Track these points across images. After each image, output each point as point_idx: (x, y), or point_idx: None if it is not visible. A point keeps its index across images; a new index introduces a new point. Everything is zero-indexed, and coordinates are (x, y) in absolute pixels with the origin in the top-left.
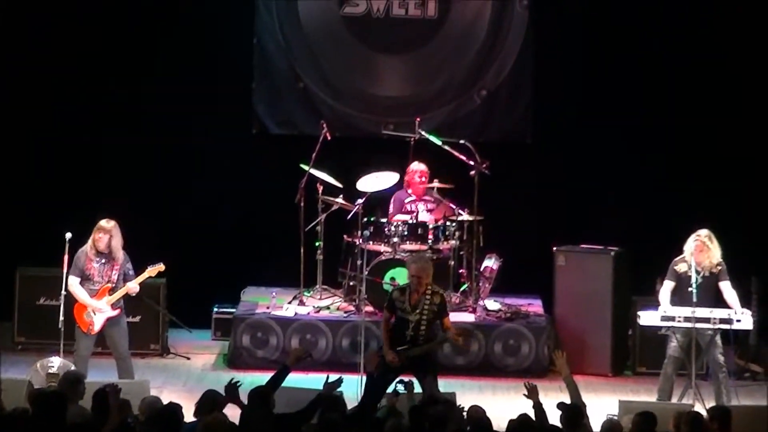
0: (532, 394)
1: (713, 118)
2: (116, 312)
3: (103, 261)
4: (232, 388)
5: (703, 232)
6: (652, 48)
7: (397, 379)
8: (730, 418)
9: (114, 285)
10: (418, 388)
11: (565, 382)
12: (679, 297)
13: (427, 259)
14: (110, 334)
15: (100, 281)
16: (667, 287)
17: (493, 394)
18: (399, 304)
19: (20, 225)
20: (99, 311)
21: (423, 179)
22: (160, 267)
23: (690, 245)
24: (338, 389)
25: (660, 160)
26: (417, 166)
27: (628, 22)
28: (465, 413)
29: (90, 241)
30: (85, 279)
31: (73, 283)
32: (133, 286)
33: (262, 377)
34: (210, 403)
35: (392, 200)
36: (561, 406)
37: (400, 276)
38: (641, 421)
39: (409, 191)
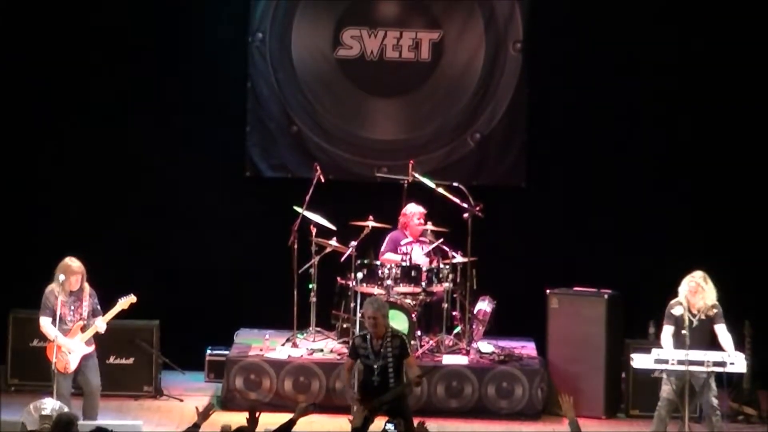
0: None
1: (708, 162)
2: (91, 348)
3: (73, 299)
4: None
5: (698, 274)
6: (647, 90)
7: (386, 420)
8: None
9: (85, 322)
10: None
11: (570, 425)
12: (677, 340)
13: (381, 301)
14: (83, 370)
15: (72, 320)
16: (667, 332)
17: None
18: (362, 351)
19: (13, 268)
20: (74, 351)
21: (421, 221)
22: (132, 299)
23: (685, 287)
24: None
25: (653, 204)
26: (415, 208)
27: (622, 65)
28: None
29: (59, 283)
30: (55, 319)
31: (45, 324)
32: (101, 325)
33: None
34: None
35: (387, 239)
36: None
37: (393, 318)
38: None
39: (406, 233)
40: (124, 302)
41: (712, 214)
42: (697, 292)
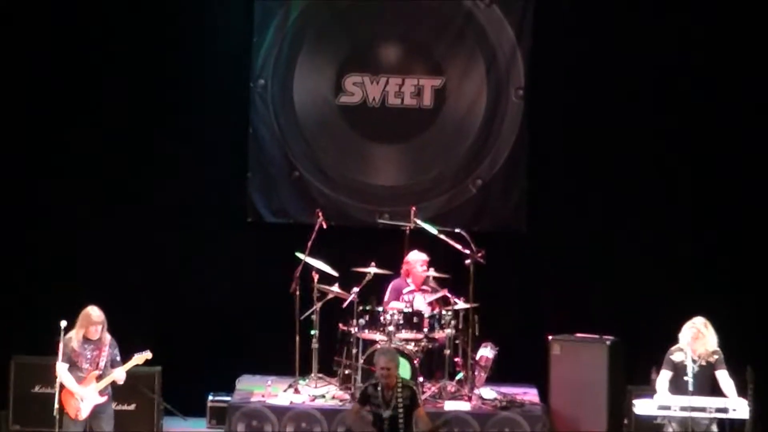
0: None
1: (709, 207)
2: (104, 399)
3: (91, 347)
4: None
5: (699, 320)
6: (648, 137)
7: None
8: None
9: (101, 372)
10: None
11: None
12: (676, 386)
13: (393, 351)
14: (97, 420)
15: (87, 368)
16: (664, 377)
17: None
18: (374, 399)
19: (15, 314)
20: (86, 398)
21: (425, 267)
22: (148, 355)
23: (685, 333)
24: None
25: (655, 250)
26: (418, 256)
27: (623, 112)
28: None
29: (78, 331)
30: (72, 365)
31: (61, 370)
32: (120, 375)
33: None
34: None
35: (390, 289)
36: None
37: None
38: None
39: (408, 280)
40: (140, 358)
41: (714, 259)
42: (698, 338)
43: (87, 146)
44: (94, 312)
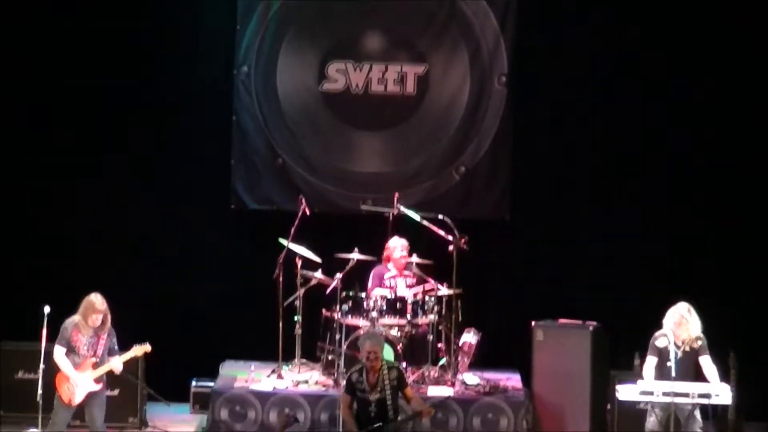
0: None
1: (688, 193)
2: (99, 386)
3: (91, 334)
4: None
5: (682, 306)
6: (629, 122)
7: None
8: None
9: (99, 359)
10: None
11: None
12: (660, 371)
13: (379, 335)
14: (90, 407)
15: (85, 354)
16: (650, 363)
17: None
18: (359, 385)
19: (0, 300)
20: (81, 385)
21: (404, 253)
22: (147, 348)
23: (669, 319)
24: None
25: (637, 235)
26: (398, 242)
27: (605, 97)
28: None
29: (81, 317)
30: (70, 350)
31: (59, 354)
32: (117, 365)
33: None
34: None
35: (372, 275)
36: None
37: None
38: None
39: (389, 266)
40: (139, 350)
41: (697, 246)
42: (681, 323)
43: (69, 137)
44: (97, 300)
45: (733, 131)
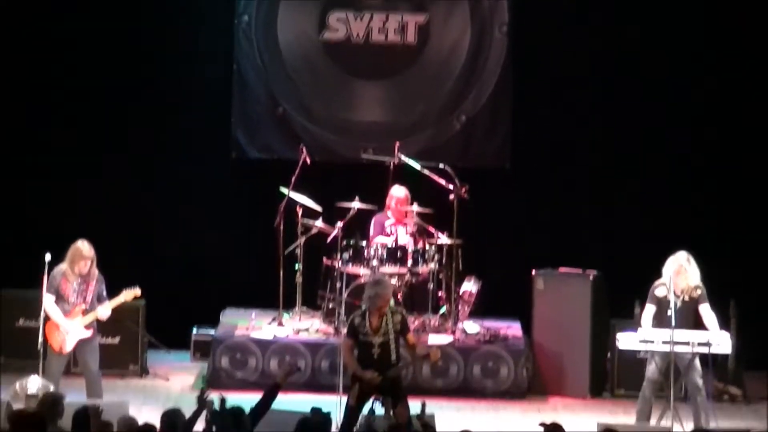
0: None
1: (691, 142)
2: (89, 333)
3: (79, 281)
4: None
5: (682, 254)
6: (631, 71)
7: (374, 398)
8: None
9: (88, 306)
10: None
11: None
12: (659, 320)
13: (387, 280)
14: (82, 354)
15: (74, 302)
16: (648, 312)
17: (472, 416)
18: (361, 329)
19: (0, 247)
20: (71, 332)
21: (399, 206)
22: (136, 292)
23: (668, 268)
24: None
25: (638, 184)
26: (396, 192)
27: (606, 46)
28: None
29: (68, 265)
30: (59, 298)
31: (48, 302)
32: (103, 312)
33: (241, 398)
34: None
35: (372, 223)
36: (543, 426)
37: None
38: None
39: (389, 214)
40: (128, 294)
41: (697, 194)
42: (680, 272)
43: (72, 87)
44: (84, 246)
45: None
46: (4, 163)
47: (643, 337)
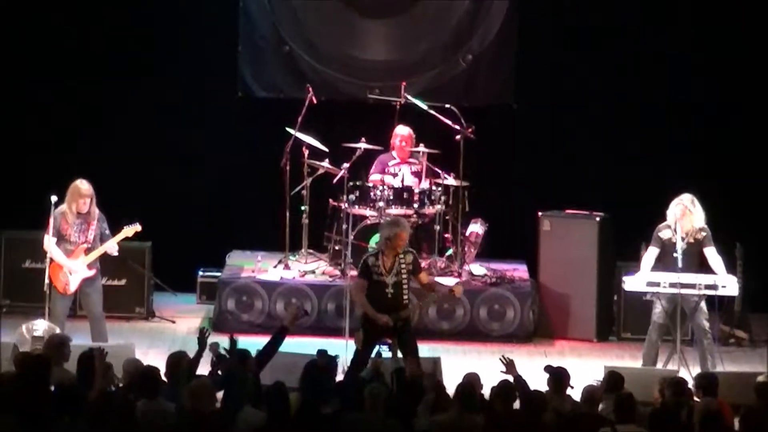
0: (511, 368)
1: (699, 82)
2: (92, 272)
3: (80, 221)
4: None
5: (686, 197)
6: (640, 10)
7: (380, 342)
8: (717, 384)
9: (90, 245)
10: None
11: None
12: (664, 263)
13: (404, 220)
14: (85, 294)
15: (76, 241)
16: (650, 254)
17: (478, 359)
18: (375, 269)
19: (4, 189)
20: (75, 272)
21: (404, 144)
22: (137, 227)
23: (673, 210)
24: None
25: (645, 126)
26: (399, 131)
27: None
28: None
29: (68, 204)
30: (60, 239)
31: (50, 243)
32: (111, 246)
33: (247, 341)
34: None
35: (376, 161)
36: (548, 369)
37: None
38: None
39: (394, 154)
40: (129, 230)
41: (703, 136)
42: (684, 215)
43: (78, 25)
44: (83, 185)
45: None
46: (8, 105)
47: (649, 280)
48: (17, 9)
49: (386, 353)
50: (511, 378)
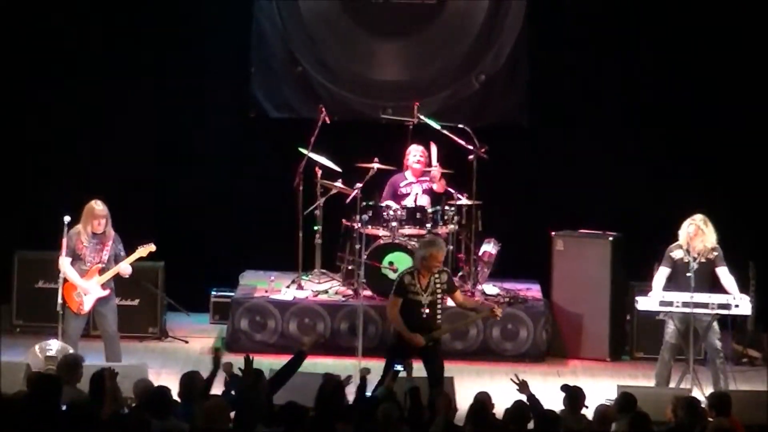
0: (524, 388)
1: (712, 103)
2: (107, 292)
3: (95, 242)
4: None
5: (698, 217)
6: (652, 30)
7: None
8: (730, 403)
9: (104, 265)
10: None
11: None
12: (676, 283)
13: (441, 240)
14: (100, 314)
15: (91, 261)
16: (662, 273)
17: (491, 379)
18: (411, 288)
19: (18, 208)
20: (89, 292)
21: (417, 157)
22: (151, 247)
23: (685, 230)
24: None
25: (658, 145)
26: (412, 147)
27: (627, 4)
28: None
29: (83, 224)
30: (75, 259)
31: (64, 263)
32: (125, 267)
33: (260, 361)
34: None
35: (387, 185)
36: (564, 388)
37: (398, 260)
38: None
39: (407, 174)
40: (143, 250)
41: (716, 157)
42: (697, 234)
43: (89, 42)
44: (98, 206)
45: None
46: (20, 125)
47: (662, 299)
48: (17, 9)
49: (401, 372)
50: (524, 397)
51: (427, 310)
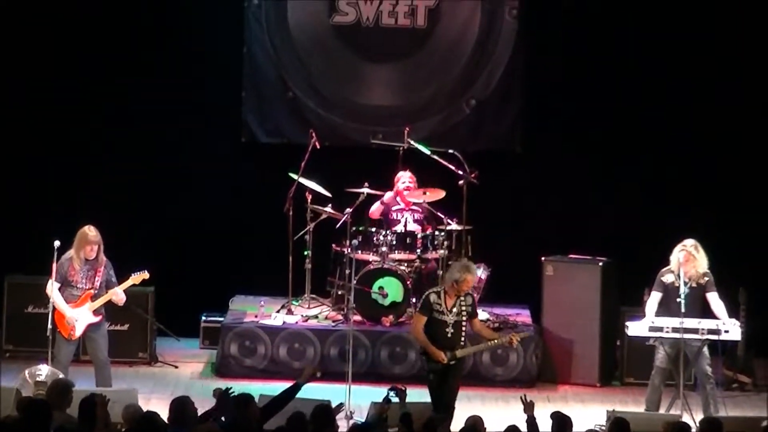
0: (529, 408)
1: (702, 130)
2: (98, 318)
3: (87, 267)
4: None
5: (689, 242)
6: (642, 57)
7: (389, 388)
8: (721, 429)
9: (96, 291)
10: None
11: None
12: (666, 308)
13: (474, 266)
14: (91, 339)
15: (83, 287)
16: (653, 298)
17: (482, 404)
18: (436, 306)
19: (8, 233)
20: (77, 319)
21: (406, 183)
22: (145, 275)
23: (676, 255)
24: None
25: (649, 171)
26: (402, 173)
27: (617, 31)
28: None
29: (75, 250)
30: (67, 285)
31: (52, 289)
32: (120, 295)
33: (250, 386)
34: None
35: (381, 201)
36: (554, 416)
37: (388, 285)
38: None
39: (398, 199)
40: (137, 277)
41: (706, 182)
42: (688, 260)
43: (79, 68)
44: (91, 232)
45: None
46: (13, 149)
47: (652, 325)
48: (18, 9)
49: (394, 399)
50: (526, 417)
51: (452, 330)
